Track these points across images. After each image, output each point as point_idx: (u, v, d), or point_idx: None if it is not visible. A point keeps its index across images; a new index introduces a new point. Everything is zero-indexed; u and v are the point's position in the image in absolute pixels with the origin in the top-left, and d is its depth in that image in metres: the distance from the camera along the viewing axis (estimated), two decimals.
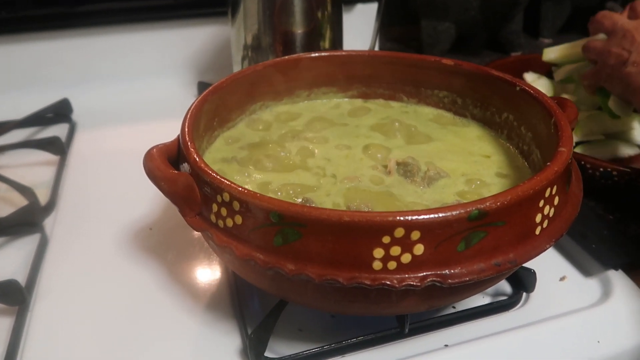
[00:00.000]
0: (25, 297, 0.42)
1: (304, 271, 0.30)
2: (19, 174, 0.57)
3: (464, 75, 0.48)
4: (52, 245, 0.49)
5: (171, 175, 0.35)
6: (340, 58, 0.52)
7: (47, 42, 0.75)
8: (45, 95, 0.72)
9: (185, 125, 0.39)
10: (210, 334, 0.40)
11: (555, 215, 0.34)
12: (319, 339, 0.39)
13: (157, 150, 0.37)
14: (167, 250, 0.48)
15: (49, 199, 0.54)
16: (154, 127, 0.62)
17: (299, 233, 0.30)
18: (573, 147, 0.36)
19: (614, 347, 0.39)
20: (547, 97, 0.42)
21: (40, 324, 0.41)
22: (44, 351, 0.39)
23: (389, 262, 0.30)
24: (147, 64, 0.79)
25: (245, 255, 0.32)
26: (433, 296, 0.33)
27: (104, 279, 0.46)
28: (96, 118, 0.71)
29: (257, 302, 0.43)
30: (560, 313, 0.41)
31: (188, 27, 0.79)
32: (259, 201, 0.31)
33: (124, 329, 0.41)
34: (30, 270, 0.46)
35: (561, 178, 0.34)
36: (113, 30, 0.76)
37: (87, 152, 0.64)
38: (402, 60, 0.51)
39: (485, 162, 0.44)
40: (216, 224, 0.34)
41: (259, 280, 0.36)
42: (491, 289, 0.44)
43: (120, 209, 0.53)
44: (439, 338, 0.40)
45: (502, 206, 0.30)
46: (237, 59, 0.68)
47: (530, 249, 0.32)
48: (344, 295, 0.33)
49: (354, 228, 0.29)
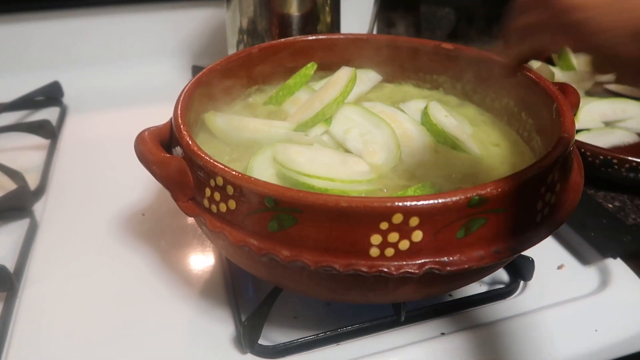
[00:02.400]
0: (13, 283, 0.41)
1: (299, 258, 0.30)
2: (8, 158, 0.56)
3: (464, 59, 0.47)
4: (41, 230, 0.48)
5: (163, 159, 0.34)
6: (338, 41, 0.51)
7: (38, 23, 0.73)
8: (35, 78, 0.70)
9: (178, 107, 0.38)
10: (204, 321, 0.39)
11: (556, 202, 0.33)
12: (314, 326, 0.38)
13: (149, 133, 0.36)
14: (160, 236, 0.48)
15: (39, 183, 0.53)
16: (147, 111, 0.61)
17: (295, 219, 0.29)
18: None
19: (612, 335, 0.39)
20: (549, 83, 0.41)
21: (29, 311, 0.40)
22: (33, 338, 0.38)
23: (386, 249, 0.29)
24: (141, 47, 0.77)
25: (239, 241, 0.31)
26: (431, 284, 0.33)
27: (95, 265, 0.45)
28: (88, 102, 0.70)
29: (252, 289, 0.42)
30: (557, 301, 0.41)
31: (183, 10, 0.78)
32: (253, 185, 0.30)
33: (115, 316, 0.40)
34: (19, 256, 0.45)
35: (563, 164, 0.33)
36: (106, 12, 0.75)
37: (78, 136, 0.63)
38: (401, 43, 0.50)
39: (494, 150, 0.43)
40: (209, 209, 0.33)
41: (253, 267, 0.35)
42: (489, 277, 0.44)
43: (112, 194, 0.52)
44: (435, 326, 0.39)
45: (503, 193, 0.29)
46: (232, 42, 0.67)
47: (530, 237, 0.31)
48: (340, 283, 0.32)
49: (351, 214, 0.28)
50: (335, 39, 0.51)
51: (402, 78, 0.52)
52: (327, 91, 0.45)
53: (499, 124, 0.46)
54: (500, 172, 0.40)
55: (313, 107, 0.44)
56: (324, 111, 0.44)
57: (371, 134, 0.42)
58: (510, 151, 0.43)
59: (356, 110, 0.45)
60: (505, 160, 0.41)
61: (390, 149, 0.41)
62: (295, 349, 0.37)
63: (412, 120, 0.45)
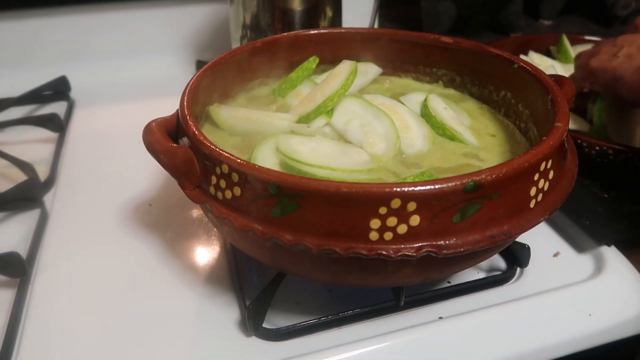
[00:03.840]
0: (26, 269, 0.43)
1: (301, 242, 0.31)
2: (18, 150, 0.57)
3: (463, 53, 0.48)
4: (52, 220, 0.50)
5: (171, 149, 0.36)
6: (339, 35, 0.52)
7: (45, 20, 0.74)
8: (42, 73, 0.72)
9: (184, 99, 0.39)
10: (210, 306, 0.41)
11: (550, 189, 0.34)
12: (316, 311, 0.40)
13: (156, 124, 0.37)
14: (167, 225, 0.49)
15: (49, 175, 0.55)
16: (152, 104, 0.62)
17: (297, 204, 0.31)
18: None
19: (605, 320, 0.40)
20: (545, 75, 0.42)
21: (42, 297, 0.42)
22: (46, 322, 0.40)
23: (385, 233, 0.30)
24: (146, 42, 0.79)
25: (244, 226, 0.32)
26: (428, 267, 0.34)
27: (104, 253, 0.46)
28: (94, 96, 0.71)
29: (256, 275, 0.43)
30: (553, 287, 0.42)
31: (187, 6, 0.79)
32: (257, 172, 0.31)
33: (124, 301, 0.41)
34: (31, 244, 0.46)
35: (557, 152, 0.34)
36: (111, 8, 0.76)
37: (85, 129, 0.65)
38: (402, 37, 0.51)
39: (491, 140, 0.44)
40: (215, 196, 0.34)
41: (258, 252, 0.36)
42: (486, 265, 0.45)
43: (120, 185, 0.54)
44: (433, 311, 0.40)
45: (498, 179, 0.31)
46: (235, 37, 0.68)
47: (524, 222, 0.33)
48: (340, 266, 0.33)
49: (351, 199, 0.30)
50: (337, 33, 0.52)
51: (402, 71, 0.53)
52: (328, 84, 0.46)
53: (496, 116, 0.47)
54: (496, 161, 0.41)
55: (315, 100, 0.46)
56: (326, 103, 0.45)
57: (371, 125, 0.44)
58: (507, 141, 0.44)
59: (357, 103, 0.46)
60: (501, 150, 0.43)
61: (390, 139, 0.42)
62: (298, 332, 0.38)
63: (412, 112, 0.46)
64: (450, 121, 0.44)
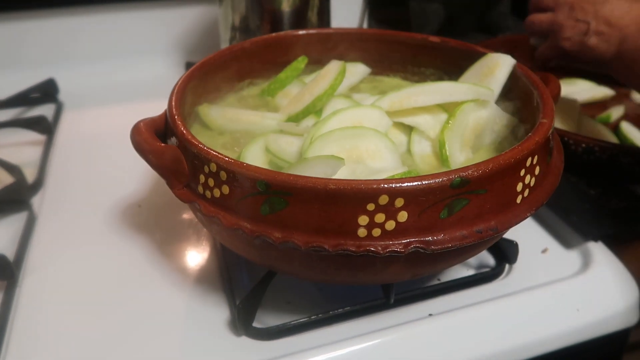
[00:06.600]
0: (13, 272, 0.42)
1: (290, 239, 0.31)
2: (5, 153, 0.57)
3: (450, 52, 0.49)
4: (40, 222, 0.49)
5: (159, 148, 0.36)
6: (328, 35, 0.52)
7: (33, 22, 0.74)
8: (31, 75, 0.71)
9: (172, 98, 0.39)
10: (200, 306, 0.41)
11: (536, 184, 0.34)
12: (307, 310, 0.40)
13: (144, 124, 0.37)
14: (156, 226, 0.49)
15: (37, 177, 0.54)
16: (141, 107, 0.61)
17: (285, 201, 0.31)
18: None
19: (592, 315, 0.41)
20: (531, 72, 0.42)
21: (29, 299, 0.41)
22: (34, 325, 0.39)
23: (373, 229, 0.30)
24: (135, 44, 0.78)
25: (232, 224, 0.32)
26: (417, 263, 0.34)
27: (93, 255, 0.46)
28: (83, 98, 0.71)
29: (246, 275, 0.43)
30: (541, 283, 0.42)
31: (176, 7, 0.79)
32: (245, 170, 0.31)
33: (113, 303, 0.41)
34: (19, 247, 0.46)
35: (542, 148, 0.34)
36: (100, 10, 0.76)
37: (74, 131, 0.64)
38: (390, 37, 0.51)
39: None
40: (203, 194, 0.34)
41: (247, 250, 0.36)
42: (475, 262, 0.45)
43: (108, 187, 0.53)
44: (423, 308, 0.40)
45: (484, 174, 0.31)
46: (225, 39, 0.68)
47: (511, 217, 0.33)
48: (330, 264, 0.34)
49: (340, 196, 0.30)
50: (325, 33, 0.52)
51: (390, 71, 0.53)
52: (317, 84, 0.46)
53: None
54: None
55: (304, 100, 0.46)
56: (315, 103, 0.45)
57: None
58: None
59: (346, 103, 0.46)
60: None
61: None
62: (288, 331, 0.38)
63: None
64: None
